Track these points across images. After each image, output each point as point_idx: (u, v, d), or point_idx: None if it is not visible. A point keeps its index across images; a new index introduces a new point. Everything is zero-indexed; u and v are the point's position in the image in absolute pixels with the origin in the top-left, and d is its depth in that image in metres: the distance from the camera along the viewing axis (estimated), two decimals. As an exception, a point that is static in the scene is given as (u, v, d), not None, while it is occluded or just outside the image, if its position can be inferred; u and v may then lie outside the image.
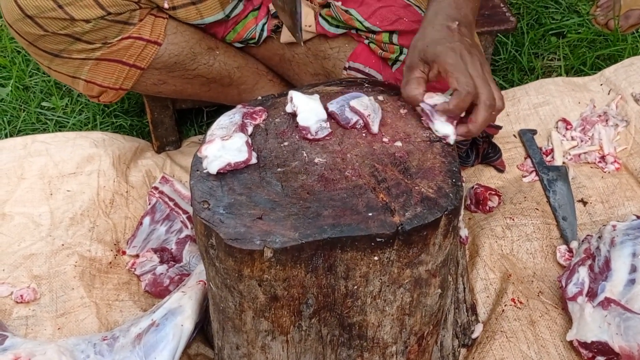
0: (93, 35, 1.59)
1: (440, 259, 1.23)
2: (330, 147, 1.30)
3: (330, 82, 1.48)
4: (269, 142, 1.31)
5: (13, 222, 1.79)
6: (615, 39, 2.36)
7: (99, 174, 1.87)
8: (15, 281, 1.67)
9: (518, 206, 1.81)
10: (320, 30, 1.67)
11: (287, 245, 1.12)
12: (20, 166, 1.90)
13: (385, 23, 1.62)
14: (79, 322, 1.60)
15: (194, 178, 1.25)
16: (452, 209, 1.19)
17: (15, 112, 2.24)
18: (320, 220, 1.15)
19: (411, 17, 1.61)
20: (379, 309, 1.23)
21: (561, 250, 1.70)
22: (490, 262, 1.68)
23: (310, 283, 1.18)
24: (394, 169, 1.25)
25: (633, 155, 1.93)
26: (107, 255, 1.74)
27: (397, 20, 1.61)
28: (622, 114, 2.01)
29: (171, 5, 1.62)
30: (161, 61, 1.69)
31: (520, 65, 2.34)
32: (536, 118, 2.06)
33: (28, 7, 1.53)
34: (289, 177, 1.24)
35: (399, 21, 1.61)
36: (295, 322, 1.23)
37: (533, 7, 2.55)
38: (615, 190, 1.85)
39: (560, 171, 1.89)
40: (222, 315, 1.28)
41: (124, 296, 1.67)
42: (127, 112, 2.24)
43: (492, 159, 1.93)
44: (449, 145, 1.30)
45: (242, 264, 1.15)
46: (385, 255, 1.16)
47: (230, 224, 1.16)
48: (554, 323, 1.55)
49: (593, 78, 2.15)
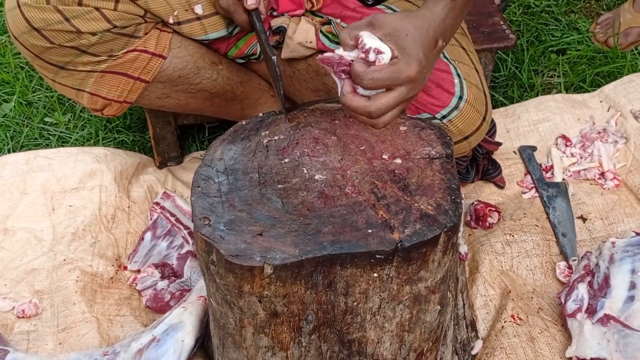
0: (99, 47, 1.60)
1: (439, 275, 1.24)
2: (330, 164, 1.31)
3: (331, 100, 1.49)
4: (270, 159, 1.32)
5: (15, 237, 1.79)
6: (615, 57, 2.37)
7: (100, 189, 1.88)
8: (17, 296, 1.67)
9: (518, 222, 1.82)
10: (321, 47, 1.69)
11: (287, 261, 1.13)
12: (23, 181, 1.91)
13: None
14: (80, 337, 1.60)
15: (195, 194, 1.26)
16: (451, 226, 1.20)
17: (18, 128, 2.26)
18: (320, 236, 1.16)
19: None
20: (378, 326, 1.23)
21: (561, 266, 1.71)
22: (490, 278, 1.68)
23: (310, 299, 1.18)
24: (394, 185, 1.26)
25: (632, 172, 1.93)
26: (109, 270, 1.74)
27: None
28: (622, 131, 2.02)
29: (176, 21, 1.64)
30: (166, 74, 1.70)
31: (520, 82, 2.35)
32: (536, 135, 2.06)
33: (35, 20, 1.55)
34: (289, 194, 1.25)
35: None
36: (295, 338, 1.23)
37: (533, 24, 2.57)
38: (615, 207, 1.86)
39: (560, 188, 1.90)
40: (223, 331, 1.29)
41: (125, 311, 1.67)
42: (129, 128, 2.25)
43: (492, 175, 1.94)
44: (448, 162, 1.31)
45: (243, 280, 1.16)
46: (385, 271, 1.17)
47: (230, 240, 1.16)
48: (553, 339, 1.55)
49: (592, 95, 2.16)
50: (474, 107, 1.59)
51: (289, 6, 1.70)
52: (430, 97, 1.57)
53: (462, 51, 1.66)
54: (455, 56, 1.63)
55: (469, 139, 1.63)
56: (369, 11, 1.67)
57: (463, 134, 1.61)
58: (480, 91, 1.62)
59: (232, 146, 1.36)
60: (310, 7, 1.69)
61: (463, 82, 1.59)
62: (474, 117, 1.60)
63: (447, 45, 1.61)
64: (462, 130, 1.60)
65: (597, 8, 2.67)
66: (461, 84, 1.58)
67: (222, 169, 1.31)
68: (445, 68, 1.59)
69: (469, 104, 1.58)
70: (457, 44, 1.66)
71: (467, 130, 1.61)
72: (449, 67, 1.59)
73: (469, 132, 1.61)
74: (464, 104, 1.58)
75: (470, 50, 1.69)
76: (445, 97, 1.57)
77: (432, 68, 1.32)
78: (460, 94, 1.57)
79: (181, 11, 1.63)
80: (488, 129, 1.90)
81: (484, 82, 1.66)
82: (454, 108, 1.57)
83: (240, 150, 1.35)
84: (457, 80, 1.58)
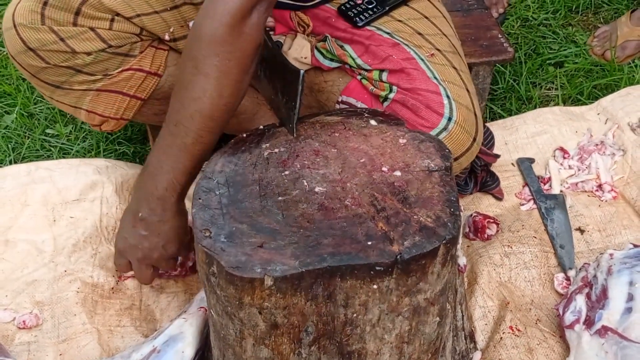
0: (94, 67, 1.61)
1: (438, 287, 1.25)
2: (330, 176, 1.32)
3: (331, 112, 1.50)
4: (270, 171, 1.34)
5: (16, 248, 1.80)
6: (612, 69, 2.39)
7: (101, 200, 1.89)
8: (18, 307, 1.68)
9: (516, 234, 1.83)
10: (315, 63, 1.70)
11: (288, 273, 1.14)
12: (24, 193, 1.92)
13: (375, 61, 1.64)
14: (81, 348, 1.61)
15: (196, 206, 1.27)
16: (450, 238, 1.21)
17: (20, 139, 2.27)
18: (320, 248, 1.17)
19: (400, 55, 1.64)
20: (378, 337, 1.24)
21: (559, 278, 1.71)
22: (489, 289, 1.69)
23: (310, 311, 1.19)
24: (393, 198, 1.27)
25: (630, 184, 1.95)
26: (109, 281, 1.75)
27: (387, 59, 1.64)
28: (619, 143, 2.04)
29: (172, 37, 1.65)
30: (162, 92, 1.71)
31: (518, 95, 2.37)
32: (534, 147, 2.08)
33: (30, 40, 1.56)
34: (289, 206, 1.26)
35: (388, 59, 1.64)
36: (295, 350, 1.24)
37: (531, 37, 2.59)
38: (613, 219, 1.87)
39: (558, 199, 1.91)
40: (223, 343, 1.30)
41: (125, 322, 1.68)
42: (130, 140, 2.26)
43: (491, 187, 1.95)
44: (447, 175, 1.32)
45: (243, 292, 1.17)
46: (384, 283, 1.18)
47: (231, 252, 1.17)
48: (551, 351, 1.56)
49: (590, 107, 2.18)
50: (463, 129, 1.60)
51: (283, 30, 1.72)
52: (419, 118, 1.58)
53: (454, 71, 1.66)
54: (446, 76, 1.63)
55: (459, 160, 1.64)
56: (359, 32, 1.69)
57: (453, 155, 1.62)
58: (470, 112, 1.63)
59: (233, 158, 1.38)
60: (302, 32, 1.71)
61: (452, 104, 1.59)
62: (464, 139, 1.61)
63: (437, 66, 1.63)
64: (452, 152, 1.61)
65: (594, 21, 2.69)
66: (450, 105, 1.59)
67: (222, 181, 1.32)
68: (434, 89, 1.60)
69: (458, 125, 1.59)
70: (449, 64, 1.66)
71: (457, 151, 1.61)
72: (439, 88, 1.60)
73: (458, 153, 1.62)
74: (453, 125, 1.58)
75: (462, 69, 1.69)
76: (434, 118, 1.58)
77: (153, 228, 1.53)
78: (449, 115, 1.58)
79: (177, 27, 1.64)
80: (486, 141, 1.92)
81: (475, 103, 1.66)
82: (443, 129, 1.58)
83: (240, 162, 1.37)
84: (446, 102, 1.59)
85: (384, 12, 1.72)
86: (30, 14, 1.55)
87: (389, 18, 1.72)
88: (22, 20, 1.55)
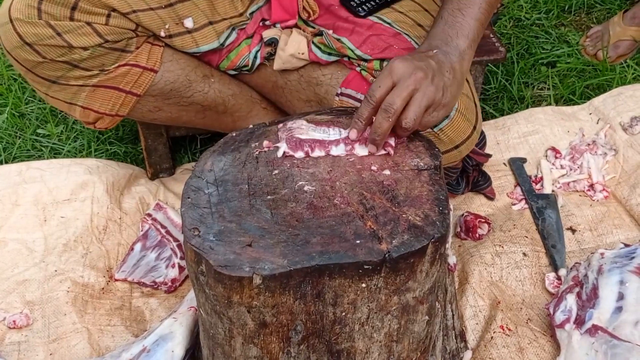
0: (90, 62, 1.61)
1: (427, 286, 1.25)
2: (319, 175, 1.32)
3: (321, 111, 1.50)
4: (259, 170, 1.33)
5: (7, 248, 1.80)
6: (604, 69, 2.39)
7: (92, 200, 1.89)
8: (8, 307, 1.68)
9: (507, 234, 1.83)
10: (312, 58, 1.70)
11: (276, 272, 1.14)
12: (15, 192, 1.92)
13: (375, 51, 1.64)
14: (71, 348, 1.60)
15: (185, 205, 1.27)
16: (439, 237, 1.21)
17: (11, 139, 2.26)
18: (308, 247, 1.17)
19: (401, 45, 1.64)
20: (366, 336, 1.24)
21: (550, 277, 1.71)
22: (480, 289, 1.69)
23: (298, 310, 1.19)
24: (382, 197, 1.27)
25: (621, 183, 1.95)
26: (100, 281, 1.75)
27: (387, 48, 1.64)
28: (611, 143, 2.04)
29: (167, 34, 1.65)
30: (157, 88, 1.71)
31: (510, 95, 2.37)
32: (526, 146, 2.08)
33: (27, 35, 1.56)
34: (278, 205, 1.26)
35: (389, 49, 1.64)
36: (284, 349, 1.24)
37: (523, 37, 2.59)
38: (604, 219, 1.87)
39: (550, 199, 1.91)
40: (212, 342, 1.30)
41: (115, 321, 1.67)
42: (121, 140, 2.26)
43: (482, 186, 1.95)
44: (436, 173, 1.32)
45: (232, 291, 1.16)
46: (373, 282, 1.18)
47: (220, 251, 1.17)
48: (542, 350, 1.56)
49: (582, 107, 2.18)
50: (464, 116, 1.61)
51: (282, 15, 1.71)
52: None
53: None
54: None
55: (459, 148, 1.64)
56: (360, 21, 1.69)
57: (454, 143, 1.62)
58: (470, 100, 1.64)
59: (222, 157, 1.37)
60: (306, 17, 1.71)
61: None
62: (465, 126, 1.62)
63: None
64: (452, 139, 1.62)
65: (587, 21, 2.69)
66: None
67: (212, 180, 1.32)
68: None
69: (459, 113, 1.60)
70: None
71: (457, 139, 1.62)
72: None
73: (459, 141, 1.63)
74: (455, 113, 1.59)
75: None
76: None
77: (458, 61, 1.48)
78: None
79: (172, 24, 1.64)
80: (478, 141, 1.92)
81: (474, 92, 1.67)
82: (445, 117, 1.59)
83: (230, 161, 1.36)
84: None
85: (386, 3, 1.72)
86: (26, 8, 1.55)
87: (390, 9, 1.72)
88: (18, 15, 1.55)
